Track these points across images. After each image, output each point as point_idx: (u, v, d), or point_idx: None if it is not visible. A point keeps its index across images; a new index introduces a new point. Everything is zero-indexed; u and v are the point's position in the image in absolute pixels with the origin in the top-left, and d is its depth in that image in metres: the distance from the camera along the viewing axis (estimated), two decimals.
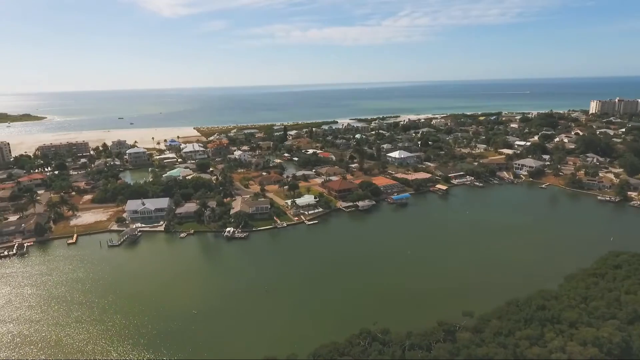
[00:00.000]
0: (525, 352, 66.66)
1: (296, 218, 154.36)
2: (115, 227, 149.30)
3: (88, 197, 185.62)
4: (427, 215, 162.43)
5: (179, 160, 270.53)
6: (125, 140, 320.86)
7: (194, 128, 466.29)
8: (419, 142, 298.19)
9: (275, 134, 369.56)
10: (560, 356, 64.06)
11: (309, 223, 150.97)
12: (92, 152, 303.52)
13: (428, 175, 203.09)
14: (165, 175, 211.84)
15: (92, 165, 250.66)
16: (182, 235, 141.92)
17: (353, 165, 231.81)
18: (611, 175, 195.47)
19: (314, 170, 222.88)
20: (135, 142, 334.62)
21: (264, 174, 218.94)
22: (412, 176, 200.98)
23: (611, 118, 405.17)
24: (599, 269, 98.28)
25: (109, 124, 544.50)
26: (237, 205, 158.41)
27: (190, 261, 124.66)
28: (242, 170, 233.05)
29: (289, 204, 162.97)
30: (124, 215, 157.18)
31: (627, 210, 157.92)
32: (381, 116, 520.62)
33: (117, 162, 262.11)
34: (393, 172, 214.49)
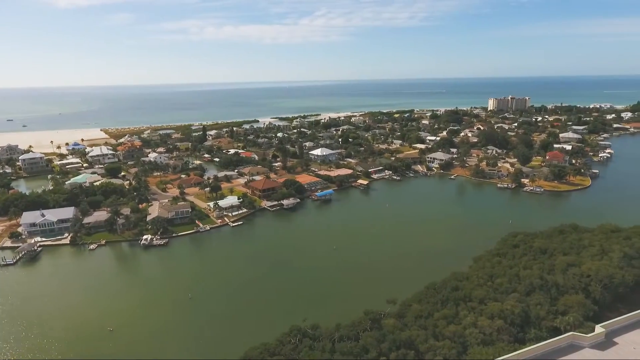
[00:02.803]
0: (443, 331, 71.62)
1: (220, 220, 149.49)
2: (8, 244, 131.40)
3: None
4: (350, 210, 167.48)
5: (84, 165, 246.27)
6: (17, 145, 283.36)
7: (100, 130, 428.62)
8: (340, 140, 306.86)
9: (194, 134, 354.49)
10: (473, 331, 69.90)
11: (234, 224, 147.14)
12: None
13: (349, 171, 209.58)
14: (69, 182, 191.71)
15: None
16: (91, 247, 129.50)
17: (276, 164, 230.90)
18: (508, 165, 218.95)
19: (236, 171, 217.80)
20: (30, 146, 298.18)
21: (183, 176, 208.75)
22: (335, 172, 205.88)
23: (505, 114, 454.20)
24: (501, 249, 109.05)
25: None
26: (154, 211, 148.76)
27: (102, 274, 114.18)
28: (158, 173, 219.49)
29: (212, 206, 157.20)
30: (19, 229, 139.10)
31: (522, 195, 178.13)
32: (302, 114, 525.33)
33: (8, 170, 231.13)
34: (316, 170, 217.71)
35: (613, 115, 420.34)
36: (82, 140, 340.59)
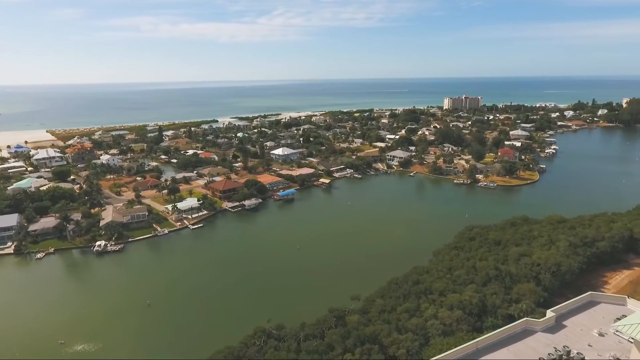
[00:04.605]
0: (406, 324, 73.09)
1: (179, 223, 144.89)
2: None
3: None
4: (312, 209, 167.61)
5: (29, 169, 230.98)
6: None
7: (47, 131, 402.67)
8: (301, 139, 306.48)
9: (149, 135, 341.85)
10: (434, 322, 71.86)
11: (193, 227, 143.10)
12: None
13: (311, 170, 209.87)
14: (12, 187, 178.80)
15: None
16: (38, 255, 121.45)
17: (237, 165, 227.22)
18: (463, 162, 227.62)
19: (195, 172, 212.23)
20: None
21: (139, 178, 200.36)
22: (296, 172, 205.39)
23: (460, 113, 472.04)
24: (459, 242, 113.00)
25: None
26: (107, 215, 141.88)
27: (51, 284, 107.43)
28: (111, 176, 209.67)
29: (170, 208, 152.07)
30: None
31: (476, 190, 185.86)
32: (263, 114, 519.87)
33: None
34: (278, 169, 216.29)
35: (557, 113, 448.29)
36: (26, 142, 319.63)
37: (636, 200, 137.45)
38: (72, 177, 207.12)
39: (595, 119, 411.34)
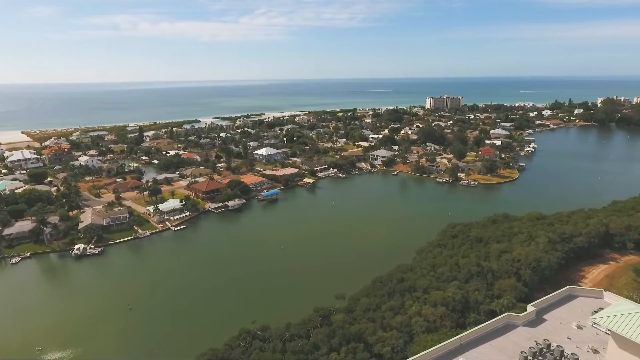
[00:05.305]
0: (390, 322, 73.50)
1: (161, 225, 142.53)
2: None
3: None
4: (297, 209, 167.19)
5: (3, 171, 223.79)
6: None
7: (22, 132, 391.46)
8: (285, 139, 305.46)
9: (130, 135, 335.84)
10: (418, 320, 72.48)
11: (176, 229, 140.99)
12: None
13: (295, 170, 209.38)
14: None
15: None
16: (14, 260, 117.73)
17: (220, 165, 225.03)
18: (445, 161, 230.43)
19: (177, 173, 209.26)
20: None
21: (119, 180, 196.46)
22: (280, 172, 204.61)
23: (442, 112, 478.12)
24: (442, 240, 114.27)
25: None
26: (86, 218, 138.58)
27: (28, 290, 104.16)
28: (90, 178, 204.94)
29: (151, 210, 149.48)
30: None
31: (458, 188, 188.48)
32: (246, 114, 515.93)
33: None
34: (261, 169, 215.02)
35: (535, 113, 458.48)
36: (0, 143, 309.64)
37: (611, 197, 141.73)
38: (49, 179, 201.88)
39: (571, 118, 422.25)
